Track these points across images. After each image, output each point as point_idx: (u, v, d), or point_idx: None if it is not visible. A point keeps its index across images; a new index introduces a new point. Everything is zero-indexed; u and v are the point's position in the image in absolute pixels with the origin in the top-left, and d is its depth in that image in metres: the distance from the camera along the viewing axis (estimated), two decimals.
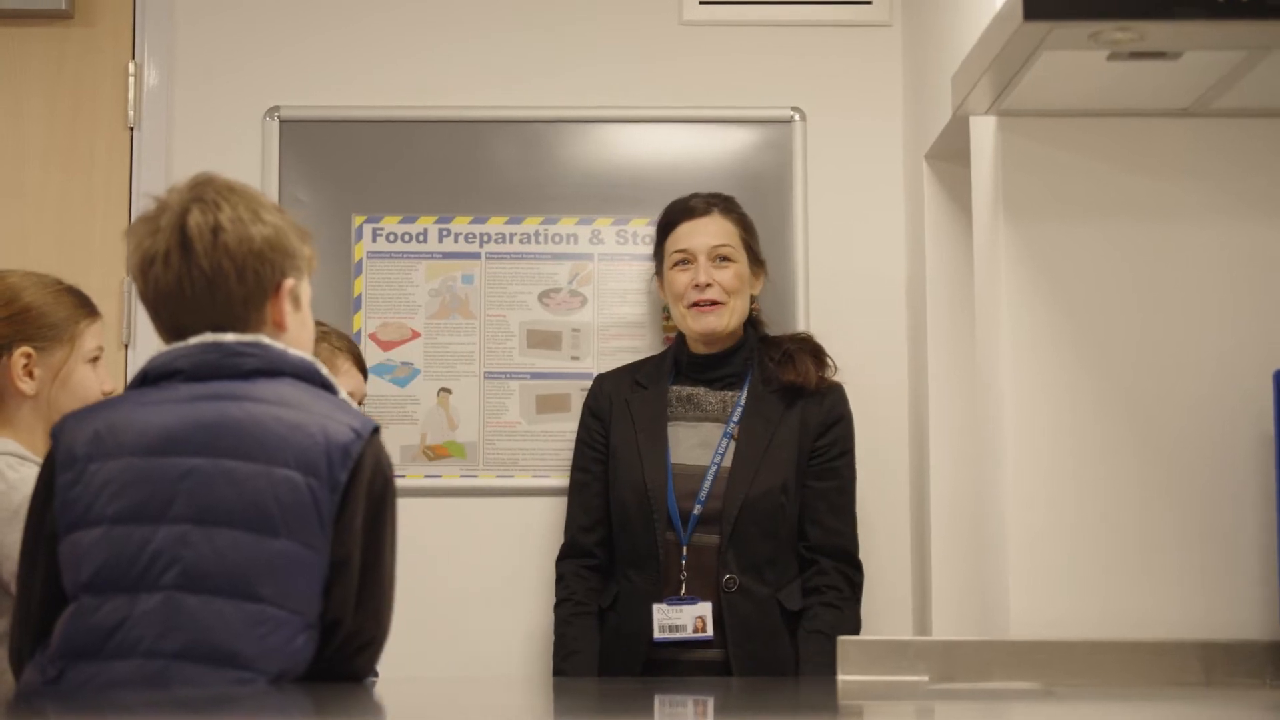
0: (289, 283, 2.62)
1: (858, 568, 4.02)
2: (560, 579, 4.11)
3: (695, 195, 4.15)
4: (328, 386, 2.63)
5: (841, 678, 2.97)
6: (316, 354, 3.50)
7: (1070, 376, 3.13)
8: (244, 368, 2.56)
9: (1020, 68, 2.81)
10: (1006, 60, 2.77)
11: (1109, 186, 3.15)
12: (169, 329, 2.61)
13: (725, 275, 4.02)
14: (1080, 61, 2.77)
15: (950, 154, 3.99)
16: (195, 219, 2.56)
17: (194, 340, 2.58)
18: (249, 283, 2.58)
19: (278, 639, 2.45)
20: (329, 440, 2.51)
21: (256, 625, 2.45)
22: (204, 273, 2.55)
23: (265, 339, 2.60)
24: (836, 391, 4.05)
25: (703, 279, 4.02)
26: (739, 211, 4.13)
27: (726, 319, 4.03)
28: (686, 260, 4.07)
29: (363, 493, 2.53)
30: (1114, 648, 2.97)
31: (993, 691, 2.87)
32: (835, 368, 4.08)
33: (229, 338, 2.57)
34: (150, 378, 2.59)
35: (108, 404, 2.64)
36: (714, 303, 4.02)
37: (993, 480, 3.24)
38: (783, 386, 4.01)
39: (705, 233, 4.06)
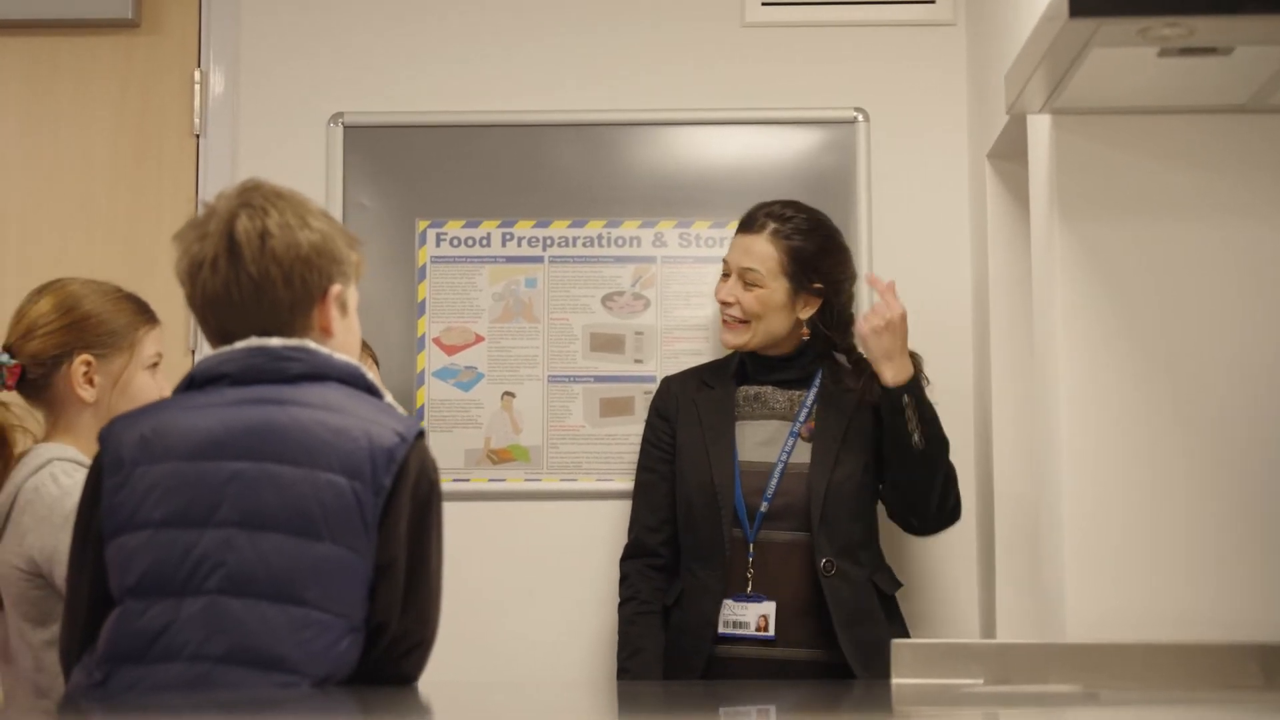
0: (336, 288, 2.64)
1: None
2: (625, 578, 4.11)
3: (765, 206, 4.07)
4: (372, 391, 2.64)
5: (896, 681, 2.96)
6: None
7: (1125, 375, 3.11)
8: (289, 372, 2.57)
9: (1070, 65, 2.79)
10: (1056, 58, 2.75)
11: (1165, 184, 3.12)
12: (216, 334, 2.63)
13: (748, 297, 3.99)
14: (1131, 58, 2.75)
15: (1011, 153, 3.96)
16: (243, 225, 2.58)
17: (240, 345, 2.59)
18: (296, 288, 2.59)
19: (322, 643, 2.47)
20: (373, 444, 2.52)
21: (301, 629, 2.46)
22: (251, 278, 2.57)
23: (311, 344, 2.61)
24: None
25: (723, 295, 4.03)
26: (798, 239, 4.00)
27: (745, 338, 4.02)
28: (726, 272, 4.07)
29: (407, 496, 2.54)
30: (1171, 650, 2.93)
31: (1048, 695, 2.85)
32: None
33: (275, 342, 2.59)
34: (197, 382, 2.61)
35: (154, 408, 2.66)
36: (738, 320, 4.02)
37: (1049, 481, 3.22)
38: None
39: (743, 250, 4.02)
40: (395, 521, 2.52)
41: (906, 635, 3.97)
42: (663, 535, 4.07)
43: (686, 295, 4.45)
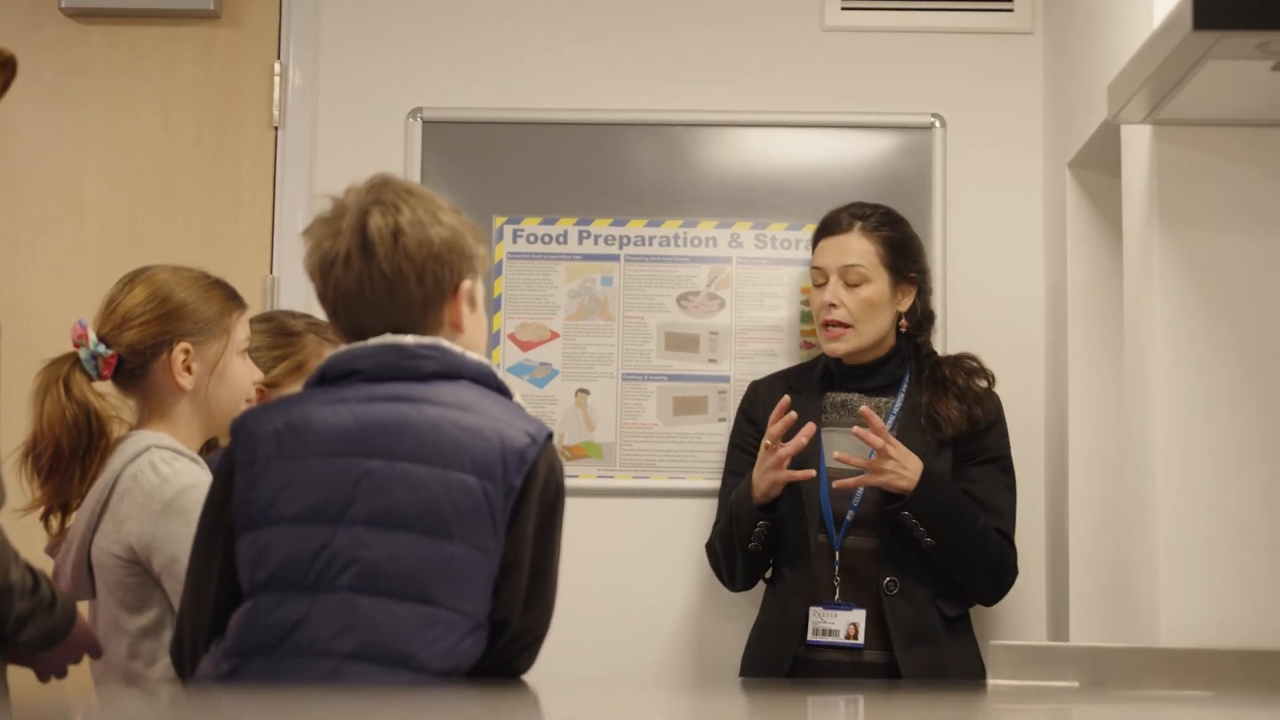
0: (466, 284, 2.65)
1: (1012, 547, 3.99)
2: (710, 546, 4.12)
3: (847, 207, 4.09)
4: (503, 391, 2.65)
5: (992, 682, 2.98)
6: (304, 345, 3.56)
7: (1225, 383, 3.12)
8: (423, 370, 2.59)
9: (1183, 77, 2.80)
10: (1169, 69, 2.77)
11: (1269, 196, 3.13)
12: (348, 330, 2.64)
13: (854, 298, 3.98)
14: (1244, 71, 2.77)
15: (1096, 162, 3.98)
16: (376, 221, 2.58)
17: (374, 341, 2.60)
18: (428, 285, 2.60)
19: (448, 641, 2.49)
20: (505, 445, 2.53)
21: (429, 628, 2.48)
22: (384, 275, 2.58)
23: (444, 342, 2.62)
24: (992, 399, 4.05)
25: (828, 298, 4.00)
26: (887, 230, 4.04)
27: (853, 343, 4.00)
28: (819, 281, 4.06)
29: (536, 498, 2.55)
30: (1268, 656, 2.93)
31: (1152, 698, 2.85)
32: (989, 386, 4.08)
33: (409, 340, 2.60)
34: (328, 376, 2.62)
35: (287, 402, 2.65)
36: (841, 325, 3.99)
37: (1142, 488, 3.24)
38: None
39: (839, 250, 4.02)
40: (524, 522, 2.54)
41: (975, 655, 3.96)
42: None
43: (761, 296, 4.47)
